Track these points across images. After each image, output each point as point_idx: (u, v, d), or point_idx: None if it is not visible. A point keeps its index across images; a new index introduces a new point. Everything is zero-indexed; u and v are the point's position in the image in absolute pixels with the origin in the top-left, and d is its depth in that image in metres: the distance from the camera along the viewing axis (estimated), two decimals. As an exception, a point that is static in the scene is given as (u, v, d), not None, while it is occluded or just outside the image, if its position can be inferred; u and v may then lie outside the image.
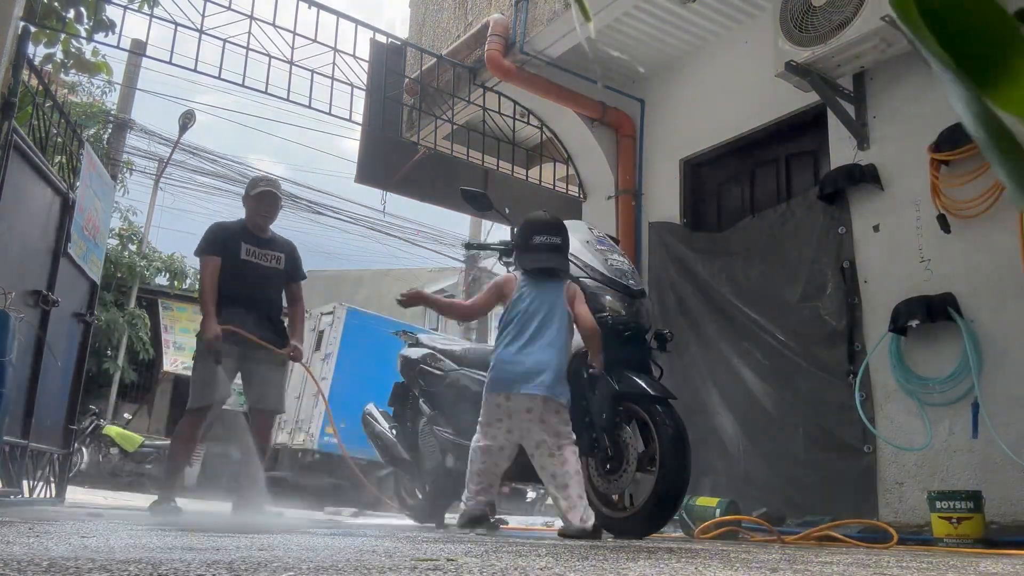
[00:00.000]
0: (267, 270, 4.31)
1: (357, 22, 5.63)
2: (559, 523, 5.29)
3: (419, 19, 7.16)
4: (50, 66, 5.16)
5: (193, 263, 15.99)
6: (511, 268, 3.90)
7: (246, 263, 4.22)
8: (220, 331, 3.91)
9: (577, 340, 3.42)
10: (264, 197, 4.30)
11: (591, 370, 3.22)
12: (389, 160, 6.90)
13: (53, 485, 4.80)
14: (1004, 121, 0.34)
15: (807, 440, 4.42)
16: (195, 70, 4.89)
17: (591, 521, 2.95)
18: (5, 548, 1.50)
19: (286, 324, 4.41)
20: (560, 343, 3.13)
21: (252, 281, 4.22)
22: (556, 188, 6.55)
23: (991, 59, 0.34)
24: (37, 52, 4.93)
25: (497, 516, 4.52)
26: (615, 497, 3.37)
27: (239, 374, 4.18)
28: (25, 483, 4.34)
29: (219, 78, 5.05)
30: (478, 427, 3.23)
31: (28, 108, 4.48)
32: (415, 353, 4.41)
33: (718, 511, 4.07)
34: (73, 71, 5.55)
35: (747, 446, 4.72)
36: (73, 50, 5.25)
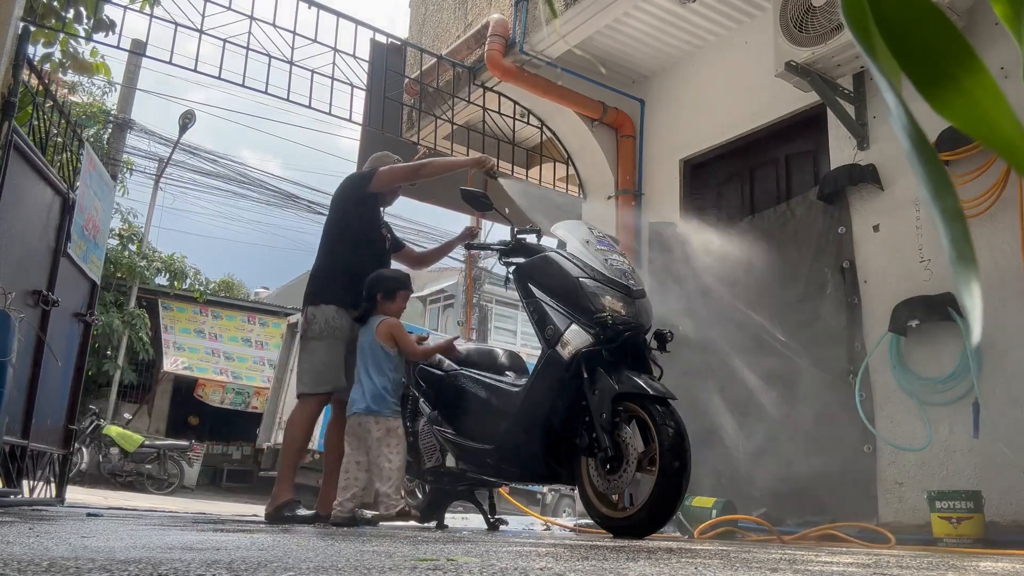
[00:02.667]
0: (385, 252, 4.09)
1: (357, 22, 5.63)
2: (560, 522, 5.26)
3: (419, 19, 7.16)
4: (48, 66, 5.15)
5: (193, 263, 16.04)
6: (511, 269, 3.90)
7: (378, 236, 4.00)
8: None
9: (577, 342, 3.42)
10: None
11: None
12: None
13: (53, 485, 4.80)
14: (924, 133, 0.37)
15: (807, 440, 4.42)
16: (195, 70, 4.90)
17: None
18: (5, 548, 1.50)
19: (423, 256, 4.54)
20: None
21: (378, 256, 4.00)
22: (556, 188, 6.55)
23: (937, 68, 0.37)
24: (35, 52, 4.94)
25: (497, 516, 4.52)
26: (615, 497, 3.37)
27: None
28: (25, 483, 4.33)
29: (219, 78, 5.05)
30: (403, 444, 3.66)
31: (28, 108, 4.48)
32: (415, 353, 4.40)
33: (714, 511, 4.07)
34: (71, 71, 5.54)
35: (747, 446, 4.72)
36: (71, 50, 5.25)
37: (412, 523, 3.93)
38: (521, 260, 3.86)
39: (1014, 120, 0.36)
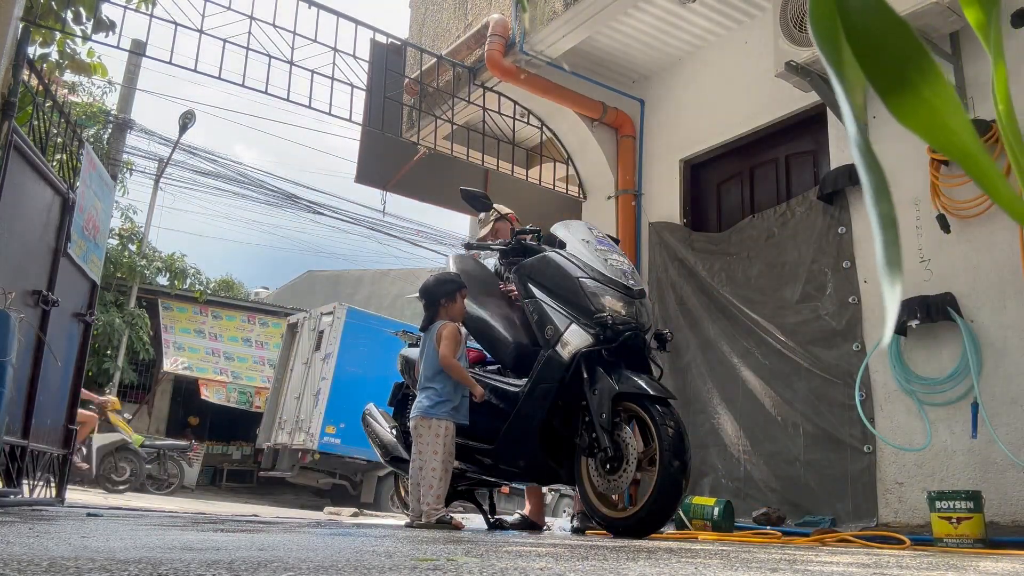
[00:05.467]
0: None
1: (357, 22, 5.63)
2: (557, 523, 5.27)
3: (419, 19, 7.16)
4: (45, 66, 5.15)
5: (193, 263, 16.01)
6: (511, 269, 3.90)
7: None
8: None
9: (577, 342, 3.42)
10: None
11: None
12: (389, 160, 6.90)
13: (53, 485, 4.80)
14: (869, 141, 0.39)
15: (807, 440, 4.42)
16: (195, 70, 4.90)
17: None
18: (5, 548, 1.50)
19: None
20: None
21: None
22: (556, 188, 6.55)
23: (900, 78, 0.38)
24: (33, 52, 4.93)
25: (497, 516, 4.52)
26: (615, 497, 3.37)
27: None
28: (25, 483, 4.33)
29: (219, 78, 5.05)
30: (448, 450, 3.67)
31: (28, 108, 4.48)
32: (415, 353, 4.41)
33: (716, 510, 4.07)
34: (68, 71, 5.54)
35: (747, 446, 4.73)
36: (68, 50, 5.25)
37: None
38: (521, 260, 3.86)
39: (970, 129, 0.38)
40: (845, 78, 0.39)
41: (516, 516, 4.51)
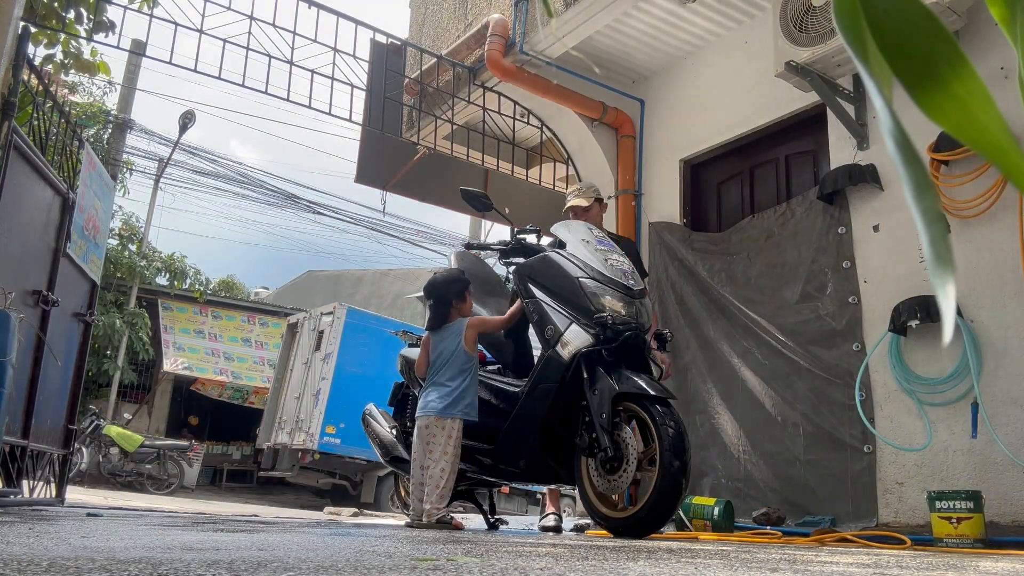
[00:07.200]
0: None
1: (357, 22, 5.63)
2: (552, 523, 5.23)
3: (419, 19, 7.16)
4: (50, 67, 5.16)
5: (193, 263, 16.02)
6: (510, 269, 3.91)
7: None
8: None
9: (577, 342, 3.42)
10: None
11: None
12: (389, 160, 6.90)
13: (53, 485, 4.80)
14: (908, 135, 0.37)
15: (807, 440, 4.42)
16: (195, 70, 4.90)
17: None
18: (5, 548, 1.50)
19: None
20: None
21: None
22: (556, 188, 6.55)
23: (928, 72, 0.37)
24: (37, 53, 4.94)
25: (497, 516, 4.52)
26: (615, 497, 3.37)
27: None
28: (25, 483, 4.33)
29: (219, 78, 5.06)
30: (456, 450, 3.69)
31: (28, 108, 4.48)
32: (415, 353, 4.41)
33: (716, 510, 4.07)
34: (73, 71, 5.55)
35: (747, 446, 4.73)
36: (72, 50, 5.26)
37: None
38: (521, 260, 3.86)
39: (1003, 125, 0.36)
40: (873, 72, 0.37)
41: (550, 518, 4.53)
